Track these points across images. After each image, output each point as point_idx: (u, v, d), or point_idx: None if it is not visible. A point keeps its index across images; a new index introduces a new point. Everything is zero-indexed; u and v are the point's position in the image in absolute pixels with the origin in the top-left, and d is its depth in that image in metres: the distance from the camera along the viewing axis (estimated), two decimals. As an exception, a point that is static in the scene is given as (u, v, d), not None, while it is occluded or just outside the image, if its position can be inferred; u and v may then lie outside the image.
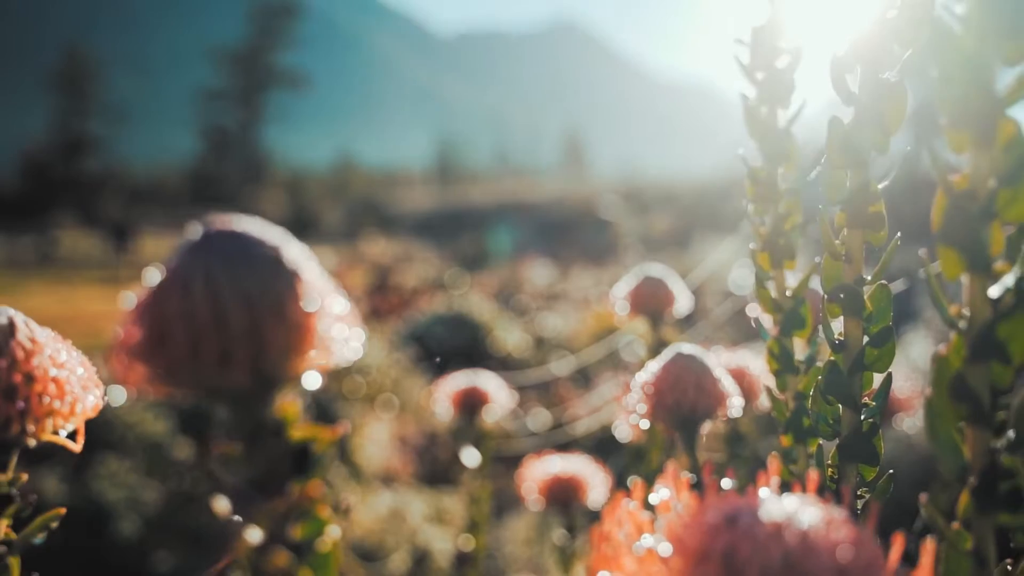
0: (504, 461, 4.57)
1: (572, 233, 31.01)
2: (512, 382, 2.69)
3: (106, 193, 48.25)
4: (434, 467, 5.98)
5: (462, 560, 2.23)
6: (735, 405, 1.09)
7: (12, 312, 0.56)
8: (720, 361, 1.35)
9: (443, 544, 4.41)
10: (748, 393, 1.46)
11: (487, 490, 2.39)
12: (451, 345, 8.64)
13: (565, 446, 3.92)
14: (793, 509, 0.45)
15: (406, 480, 5.52)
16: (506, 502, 4.92)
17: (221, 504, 0.43)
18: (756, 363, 1.55)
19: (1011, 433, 0.52)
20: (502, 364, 7.77)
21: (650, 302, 1.53)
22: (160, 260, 0.45)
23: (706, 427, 1.43)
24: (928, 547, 0.46)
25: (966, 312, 0.52)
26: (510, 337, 9.20)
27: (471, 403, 2.24)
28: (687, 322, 4.91)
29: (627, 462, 1.61)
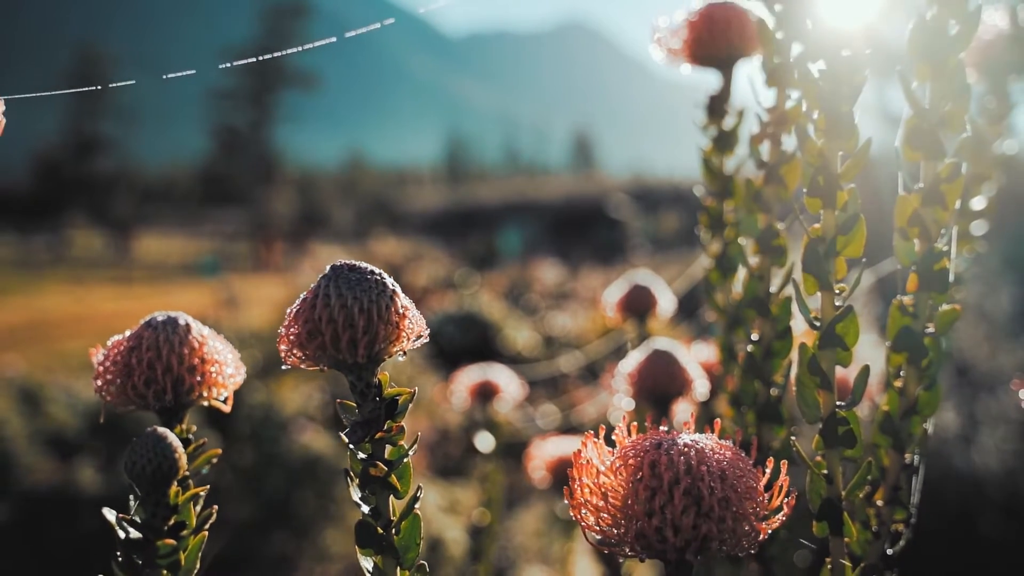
0: (514, 455, 4.82)
1: (581, 232, 31.06)
2: (522, 377, 2.96)
3: (118, 193, 48.65)
4: (447, 462, 6.23)
5: (476, 533, 2.49)
6: (700, 388, 1.37)
7: (186, 316, 0.84)
8: (694, 354, 1.63)
9: (455, 532, 4.67)
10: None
11: (499, 473, 2.66)
12: (462, 344, 8.85)
13: (571, 430, 4.18)
14: (697, 439, 0.72)
15: (420, 473, 5.76)
16: (517, 495, 5.18)
17: (343, 436, 0.71)
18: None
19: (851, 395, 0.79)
20: (512, 362, 7.96)
21: (637, 306, 1.80)
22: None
23: (687, 411, 1.70)
24: (784, 465, 0.73)
25: (820, 315, 0.80)
26: (520, 336, 9.41)
27: (484, 393, 2.52)
28: (686, 317, 5.16)
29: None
